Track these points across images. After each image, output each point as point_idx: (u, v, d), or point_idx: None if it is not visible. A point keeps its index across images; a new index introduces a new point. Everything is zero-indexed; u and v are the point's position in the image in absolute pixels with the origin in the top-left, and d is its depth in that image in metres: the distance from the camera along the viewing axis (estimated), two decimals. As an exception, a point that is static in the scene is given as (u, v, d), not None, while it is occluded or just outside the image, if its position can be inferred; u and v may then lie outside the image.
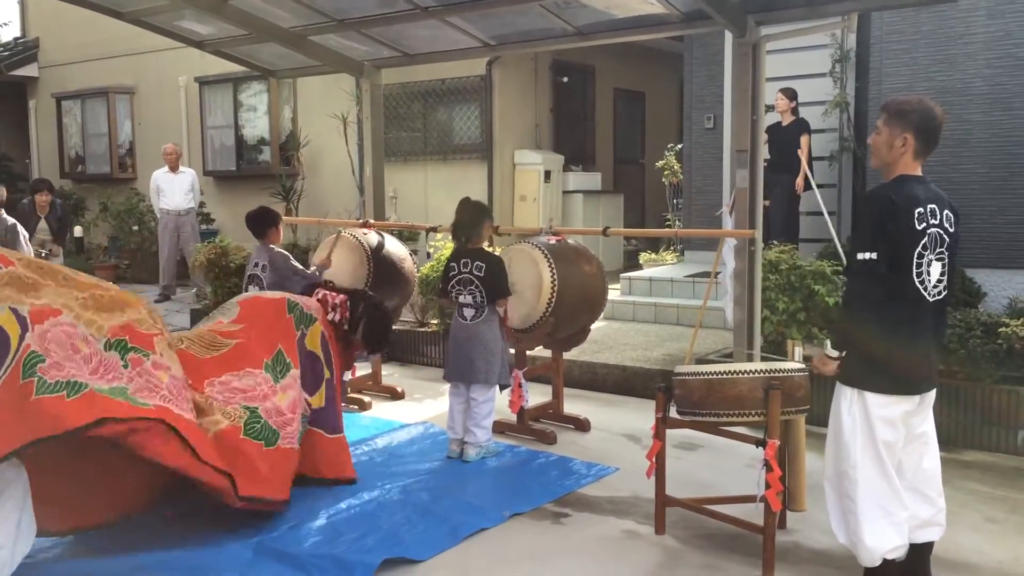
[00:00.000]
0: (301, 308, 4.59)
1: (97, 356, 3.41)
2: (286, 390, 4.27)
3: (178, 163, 11.27)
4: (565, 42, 6.78)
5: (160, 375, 3.59)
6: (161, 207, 11.18)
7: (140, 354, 3.56)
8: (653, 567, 3.70)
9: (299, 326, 4.52)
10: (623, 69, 13.08)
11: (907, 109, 3.26)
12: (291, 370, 4.37)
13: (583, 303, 5.42)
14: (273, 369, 4.29)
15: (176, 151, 11.32)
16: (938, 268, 3.23)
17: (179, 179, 11.17)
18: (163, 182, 11.18)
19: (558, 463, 4.97)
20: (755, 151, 5.45)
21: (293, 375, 4.36)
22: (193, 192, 11.29)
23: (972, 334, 5.18)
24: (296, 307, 4.57)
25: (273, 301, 4.60)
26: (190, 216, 11.29)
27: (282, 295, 4.68)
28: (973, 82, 7.69)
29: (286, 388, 4.28)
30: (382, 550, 3.77)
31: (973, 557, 3.76)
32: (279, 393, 4.22)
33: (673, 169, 10.84)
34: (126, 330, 3.57)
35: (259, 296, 4.73)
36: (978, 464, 4.92)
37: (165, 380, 3.60)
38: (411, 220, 9.96)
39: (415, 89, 11.48)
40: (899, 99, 3.36)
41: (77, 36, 14.90)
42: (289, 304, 4.56)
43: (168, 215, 11.15)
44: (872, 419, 3.24)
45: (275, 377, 4.27)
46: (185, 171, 11.34)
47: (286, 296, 4.65)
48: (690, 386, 3.70)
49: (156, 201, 11.30)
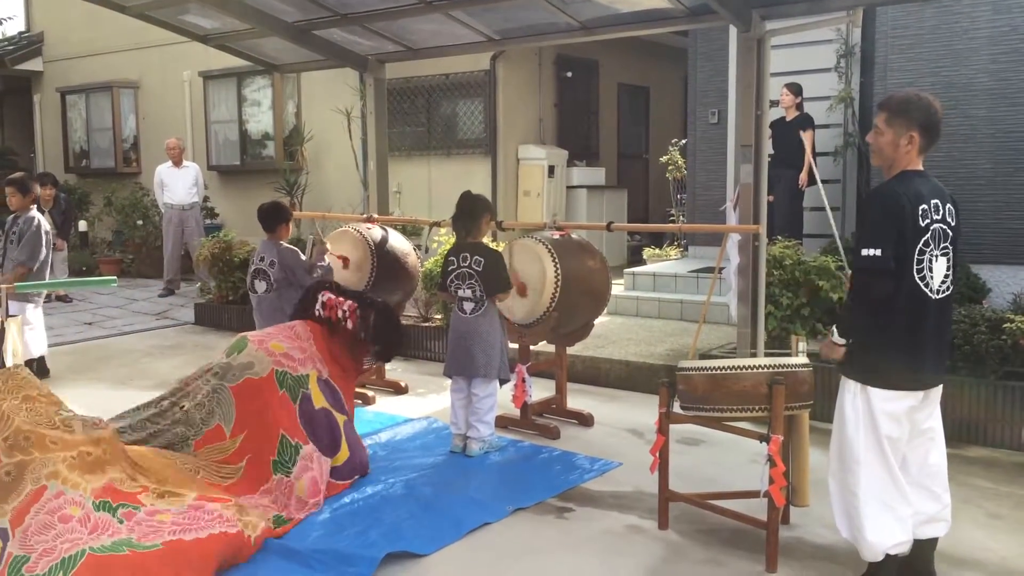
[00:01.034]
0: (289, 374, 4.38)
1: (92, 517, 3.38)
2: (301, 476, 4.17)
3: (181, 157, 11.27)
4: (569, 37, 6.77)
5: (161, 517, 3.55)
6: (165, 201, 11.18)
7: (130, 508, 3.53)
8: (656, 562, 3.70)
9: (295, 395, 4.37)
10: (627, 64, 13.07)
11: (910, 107, 3.23)
12: (302, 449, 4.25)
13: (587, 298, 5.42)
14: (282, 465, 4.17)
15: (179, 145, 11.32)
16: (943, 264, 3.22)
17: (183, 173, 11.17)
18: (167, 177, 11.18)
19: (561, 458, 4.97)
20: (759, 146, 5.44)
21: (307, 452, 4.25)
22: (197, 187, 11.29)
23: (977, 330, 5.18)
24: (286, 376, 4.36)
25: (262, 382, 4.30)
26: (194, 211, 11.28)
27: (270, 370, 4.34)
28: (978, 77, 7.67)
29: (301, 473, 4.18)
30: (385, 544, 3.77)
31: (977, 553, 3.75)
32: (295, 484, 4.14)
33: (677, 164, 10.83)
34: (107, 492, 3.52)
35: (248, 380, 4.30)
36: (982, 460, 4.91)
37: (168, 519, 3.55)
38: (415, 215, 9.95)
39: (419, 84, 11.47)
40: (899, 96, 3.32)
41: (81, 30, 14.91)
42: (278, 377, 4.33)
43: (172, 209, 11.14)
44: (875, 414, 3.23)
45: (286, 471, 4.17)
46: (189, 165, 11.34)
47: (273, 369, 4.34)
48: (694, 381, 3.70)
49: (160, 196, 11.29)
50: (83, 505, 3.39)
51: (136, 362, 7.57)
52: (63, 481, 3.39)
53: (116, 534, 3.38)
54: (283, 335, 4.65)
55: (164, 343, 8.37)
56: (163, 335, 8.79)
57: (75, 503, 3.37)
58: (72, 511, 3.34)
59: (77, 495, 3.40)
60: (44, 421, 3.58)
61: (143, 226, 12.91)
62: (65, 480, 3.40)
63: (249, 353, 4.42)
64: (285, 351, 4.49)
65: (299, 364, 4.49)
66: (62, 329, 8.94)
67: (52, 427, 3.58)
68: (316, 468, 4.25)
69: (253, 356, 4.40)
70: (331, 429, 4.46)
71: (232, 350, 4.49)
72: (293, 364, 4.46)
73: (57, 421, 3.62)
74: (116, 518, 3.44)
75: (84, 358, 7.72)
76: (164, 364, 7.46)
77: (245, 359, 4.39)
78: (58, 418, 3.64)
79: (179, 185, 11.12)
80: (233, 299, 8.92)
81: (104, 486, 3.53)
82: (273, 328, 4.82)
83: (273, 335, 4.63)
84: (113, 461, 3.66)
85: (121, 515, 3.47)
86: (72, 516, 3.33)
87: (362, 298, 4.91)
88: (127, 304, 10.64)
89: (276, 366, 4.39)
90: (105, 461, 3.62)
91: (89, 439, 3.62)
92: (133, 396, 6.37)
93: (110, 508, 3.47)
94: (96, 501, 3.45)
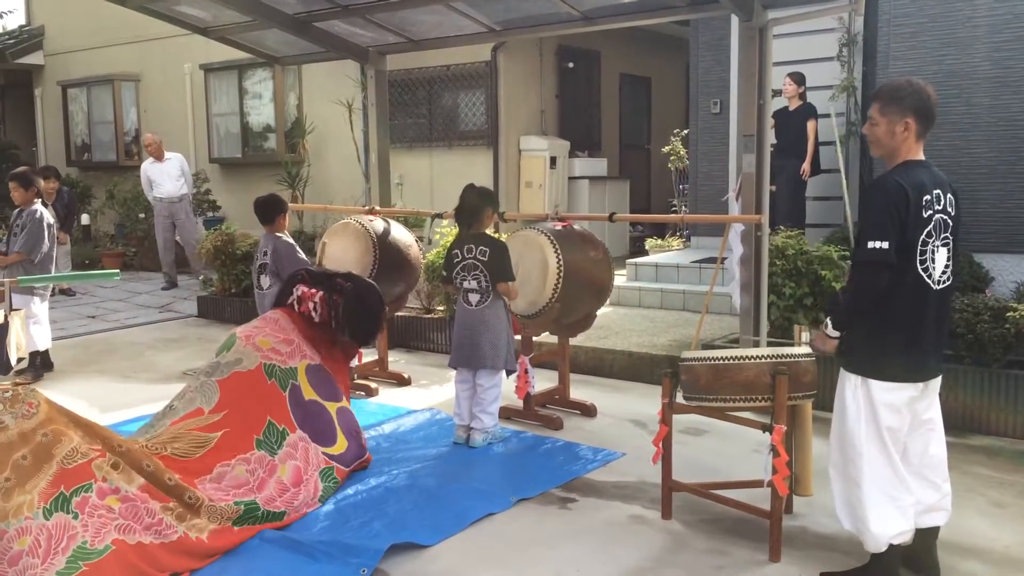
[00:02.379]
0: (278, 366, 4.39)
1: (43, 532, 3.26)
2: (285, 461, 4.15)
3: (162, 151, 11.07)
4: (571, 27, 6.75)
5: (109, 501, 3.47)
6: (155, 196, 11.11)
7: (82, 492, 3.42)
8: (659, 551, 3.71)
9: (284, 385, 4.36)
10: (629, 54, 13.03)
11: (901, 94, 3.22)
12: (288, 436, 4.24)
13: (589, 289, 5.42)
14: (267, 444, 4.14)
15: (155, 141, 11.14)
16: (944, 254, 3.22)
17: (167, 167, 11.05)
18: (152, 173, 11.07)
19: (564, 448, 4.98)
20: (762, 136, 5.42)
21: (292, 440, 4.24)
22: (184, 177, 11.15)
23: (980, 319, 5.17)
24: (274, 368, 4.37)
25: (250, 374, 4.32)
26: (184, 203, 11.15)
27: (258, 363, 4.35)
28: (981, 65, 7.64)
29: (285, 459, 4.16)
30: (389, 535, 3.78)
31: (980, 541, 3.76)
32: (279, 467, 4.11)
33: (679, 155, 10.81)
34: (57, 482, 3.40)
35: (236, 373, 4.31)
36: (985, 448, 4.91)
37: (117, 506, 3.48)
38: (416, 206, 9.95)
39: (420, 75, 11.45)
40: (890, 84, 3.32)
41: (82, 23, 14.90)
42: (266, 369, 4.35)
43: (161, 203, 11.05)
44: (876, 405, 3.23)
45: (270, 451, 4.14)
46: (172, 157, 11.16)
47: (261, 363, 4.36)
48: (697, 371, 3.70)
49: (149, 192, 11.23)
50: (29, 530, 3.24)
51: (139, 355, 7.58)
52: (1, 517, 3.24)
53: (72, 540, 3.29)
54: (269, 329, 4.63)
55: (167, 336, 8.38)
56: (166, 328, 8.80)
57: (21, 533, 3.24)
58: (20, 544, 3.22)
59: (21, 522, 3.25)
60: None
61: (145, 219, 12.90)
62: (3, 514, 3.25)
63: (237, 350, 4.43)
64: (272, 346, 4.50)
65: (287, 357, 4.50)
66: (65, 323, 8.96)
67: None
68: (302, 459, 4.23)
69: (241, 352, 4.42)
70: (324, 421, 4.47)
71: (222, 348, 4.50)
72: (281, 358, 4.47)
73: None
74: (71, 513, 3.35)
75: (87, 351, 7.74)
76: (167, 357, 7.47)
77: (233, 356, 4.40)
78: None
79: (165, 178, 11.01)
80: (235, 292, 8.93)
81: (52, 478, 3.40)
82: (259, 321, 4.80)
83: (260, 329, 4.62)
84: (58, 439, 3.52)
85: (75, 506, 3.37)
86: (21, 551, 3.20)
87: (331, 284, 4.83)
88: (130, 297, 10.65)
89: (264, 360, 4.40)
90: (49, 445, 3.48)
91: (25, 431, 3.47)
92: (137, 389, 6.40)
93: (64, 502, 3.36)
94: (46, 506, 3.32)
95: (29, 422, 3.52)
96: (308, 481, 4.18)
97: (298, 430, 4.31)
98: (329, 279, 4.89)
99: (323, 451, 4.38)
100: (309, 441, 4.34)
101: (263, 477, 4.04)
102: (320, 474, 4.28)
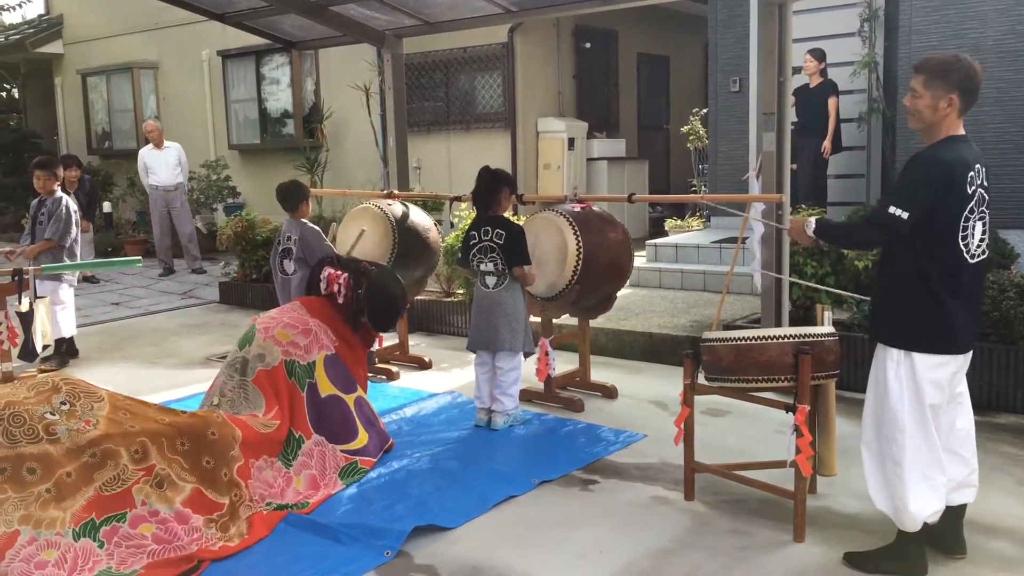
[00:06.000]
0: (298, 363, 4.44)
1: (71, 551, 3.31)
2: (300, 472, 4.19)
3: (162, 139, 11.17)
4: (587, 6, 6.70)
5: (143, 529, 3.49)
6: (150, 183, 11.19)
7: (114, 521, 3.46)
8: (682, 532, 3.71)
9: (303, 384, 4.41)
10: (646, 33, 12.93)
11: (949, 69, 3.13)
12: (304, 444, 4.28)
13: (609, 270, 5.40)
14: (284, 455, 4.19)
15: (156, 127, 11.26)
16: (980, 228, 3.19)
17: (165, 155, 11.13)
18: (150, 159, 11.15)
19: (586, 430, 4.98)
20: (782, 114, 5.36)
21: (308, 448, 4.28)
22: (181, 166, 11.24)
23: (1005, 296, 5.11)
24: (295, 366, 4.43)
25: (274, 371, 4.38)
26: (179, 191, 11.24)
27: (279, 360, 4.41)
28: (1005, 39, 7.52)
29: (300, 469, 4.19)
30: (412, 518, 3.80)
31: (1007, 520, 3.73)
32: (294, 479, 4.15)
33: (698, 134, 10.72)
34: (90, 508, 3.43)
35: (261, 371, 4.37)
36: (1011, 427, 4.86)
37: (151, 532, 3.50)
38: (435, 190, 9.95)
39: (437, 58, 11.41)
40: (937, 58, 3.21)
41: (100, 12, 14.97)
42: (287, 367, 4.40)
43: (157, 191, 11.14)
44: (920, 381, 3.18)
45: (286, 463, 4.18)
46: (170, 146, 11.25)
47: (282, 360, 4.41)
48: (718, 352, 3.68)
49: (144, 179, 11.31)
50: (58, 544, 3.30)
51: (164, 341, 7.65)
52: (35, 524, 3.30)
53: (96, 565, 3.33)
54: (287, 319, 4.65)
55: (190, 322, 8.45)
56: (189, 314, 8.87)
57: (50, 545, 3.29)
58: (47, 555, 3.27)
59: (52, 535, 3.31)
60: (25, 434, 3.47)
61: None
62: (38, 522, 3.31)
63: (259, 344, 4.46)
64: (291, 339, 4.52)
65: (305, 351, 4.52)
66: (90, 309, 9.04)
67: (34, 439, 3.47)
68: (317, 467, 4.25)
69: (263, 347, 4.45)
70: (342, 417, 4.49)
71: (244, 342, 4.53)
72: (300, 352, 4.49)
73: (40, 430, 3.49)
74: (97, 541, 3.38)
75: (112, 338, 7.81)
76: (191, 343, 7.53)
77: (257, 351, 4.44)
78: (41, 425, 3.51)
79: (162, 167, 11.10)
80: (256, 277, 8.98)
81: (87, 502, 3.44)
82: (276, 311, 4.82)
83: (278, 320, 4.64)
84: (104, 462, 3.54)
85: (103, 535, 3.40)
86: (48, 561, 3.26)
87: (357, 268, 4.89)
88: (152, 284, 10.74)
89: (285, 356, 4.43)
90: (94, 467, 3.52)
91: (75, 447, 3.51)
92: (161, 375, 6.46)
93: (93, 528, 3.40)
94: (76, 528, 3.37)
95: (81, 437, 3.57)
96: (325, 487, 4.19)
97: (314, 435, 4.35)
98: (356, 263, 4.96)
99: (342, 449, 4.40)
100: (326, 444, 4.37)
101: (282, 486, 4.10)
102: (339, 474, 4.29)
